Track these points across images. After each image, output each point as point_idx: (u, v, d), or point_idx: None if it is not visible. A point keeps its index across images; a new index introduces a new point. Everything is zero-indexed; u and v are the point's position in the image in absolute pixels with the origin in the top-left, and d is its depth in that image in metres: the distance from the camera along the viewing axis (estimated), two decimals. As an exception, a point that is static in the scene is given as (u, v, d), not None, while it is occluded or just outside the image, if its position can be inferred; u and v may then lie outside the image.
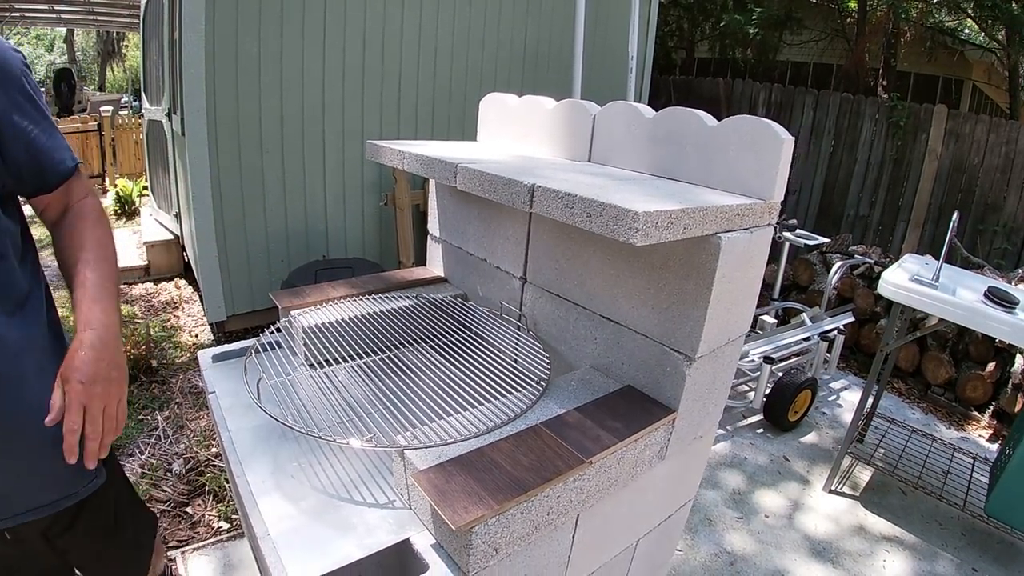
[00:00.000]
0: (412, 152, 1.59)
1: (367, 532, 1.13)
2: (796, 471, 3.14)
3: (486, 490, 1.02)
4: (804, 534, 2.73)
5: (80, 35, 28.15)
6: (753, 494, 2.98)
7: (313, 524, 1.15)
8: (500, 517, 1.01)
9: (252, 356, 1.57)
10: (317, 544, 1.10)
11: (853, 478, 3.07)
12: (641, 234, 0.94)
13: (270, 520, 1.15)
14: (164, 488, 2.88)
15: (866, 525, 2.76)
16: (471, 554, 1.00)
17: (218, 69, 3.61)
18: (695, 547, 2.65)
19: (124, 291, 5.40)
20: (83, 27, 23.35)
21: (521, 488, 1.02)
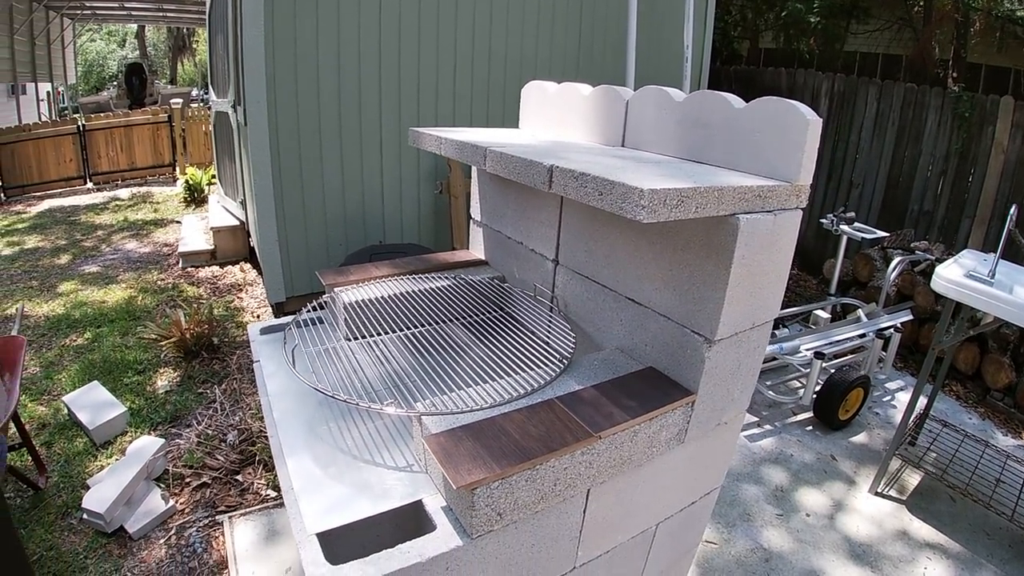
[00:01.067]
0: (447, 138, 1.64)
1: (383, 492, 1.20)
2: (843, 471, 3.08)
3: (492, 456, 1.06)
4: (844, 535, 2.67)
5: (151, 31, 29.57)
6: (796, 492, 2.94)
7: (335, 482, 1.22)
8: (503, 482, 1.05)
9: (292, 329, 1.66)
10: (337, 500, 1.17)
11: (901, 481, 2.99)
12: (647, 211, 0.95)
13: (296, 476, 1.23)
14: (217, 456, 3.05)
15: (910, 530, 2.69)
16: (475, 516, 1.05)
17: (278, 63, 3.76)
18: (731, 541, 2.63)
19: (191, 272, 5.72)
20: (153, 23, 24.55)
21: (526, 456, 1.06)
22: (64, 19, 18.13)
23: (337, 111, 4.03)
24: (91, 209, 8.40)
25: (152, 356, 4.03)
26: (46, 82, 17.43)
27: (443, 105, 4.37)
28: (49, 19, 16.84)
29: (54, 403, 3.55)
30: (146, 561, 2.51)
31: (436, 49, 4.22)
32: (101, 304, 5.00)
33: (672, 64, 4.54)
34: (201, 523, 2.70)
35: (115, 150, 9.86)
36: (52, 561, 2.48)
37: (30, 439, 2.93)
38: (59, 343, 4.32)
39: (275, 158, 3.91)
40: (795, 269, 5.51)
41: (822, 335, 3.51)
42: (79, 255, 6.39)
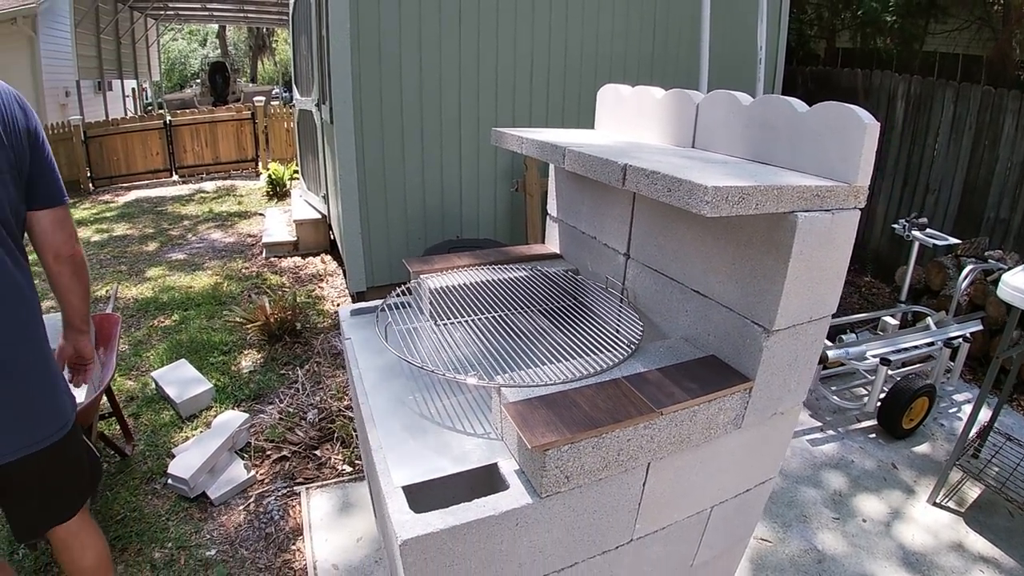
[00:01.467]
0: (529, 138, 1.77)
1: (462, 455, 1.33)
2: (902, 480, 3.06)
3: (563, 423, 1.18)
4: (899, 543, 2.67)
5: (232, 30, 30.81)
6: (854, 497, 2.94)
7: (419, 444, 1.37)
8: (572, 446, 1.17)
9: (382, 310, 1.82)
10: (419, 459, 1.32)
11: (961, 493, 2.95)
12: (711, 206, 1.05)
13: (383, 438, 1.37)
14: (298, 432, 3.27)
15: (966, 543, 2.66)
16: (545, 476, 1.17)
17: (363, 64, 3.97)
18: (786, 541, 2.66)
19: (274, 262, 6.05)
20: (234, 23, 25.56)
21: (593, 424, 1.18)
22: (148, 19, 19.17)
23: (419, 110, 4.22)
24: (177, 200, 8.92)
25: (237, 338, 4.31)
26: (131, 79, 18.47)
27: (520, 105, 4.51)
28: (133, 19, 17.84)
29: (142, 378, 3.85)
30: (225, 525, 2.72)
31: (513, 49, 4.36)
32: (188, 289, 5.36)
33: (746, 65, 4.53)
34: (279, 493, 2.90)
35: (200, 145, 10.42)
36: (135, 521, 2.71)
37: (120, 409, 3.20)
38: (147, 324, 4.66)
39: (360, 155, 4.13)
40: (868, 276, 5.40)
41: (889, 342, 3.47)
42: (166, 243, 6.82)
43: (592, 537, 1.39)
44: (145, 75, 20.02)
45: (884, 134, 5.13)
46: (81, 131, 9.53)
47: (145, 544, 2.59)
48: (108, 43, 16.13)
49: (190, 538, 2.64)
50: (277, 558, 2.55)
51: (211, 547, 2.60)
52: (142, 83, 19.90)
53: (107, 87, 15.92)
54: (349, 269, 4.51)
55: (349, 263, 4.47)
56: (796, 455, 3.21)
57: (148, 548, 2.57)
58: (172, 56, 31.35)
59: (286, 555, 2.56)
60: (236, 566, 2.51)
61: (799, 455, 3.21)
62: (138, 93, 19.28)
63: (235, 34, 32.30)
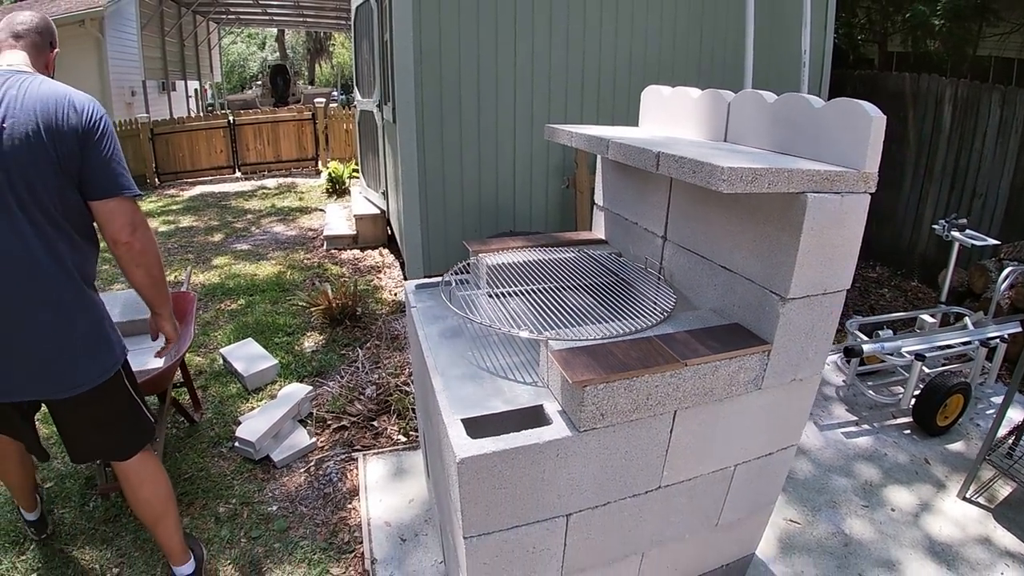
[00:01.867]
0: (578, 132, 2.01)
1: (513, 398, 1.56)
2: (934, 474, 3.09)
3: (600, 366, 1.40)
4: (926, 533, 2.72)
5: (290, 34, 31.75)
6: (884, 488, 2.99)
7: (475, 389, 1.60)
8: (607, 386, 1.38)
9: (448, 282, 2.06)
10: (475, 401, 1.55)
11: (992, 491, 2.96)
12: (727, 183, 1.25)
13: (444, 383, 1.60)
14: (357, 405, 3.54)
15: (993, 538, 2.69)
16: (583, 412, 1.38)
17: (424, 66, 4.24)
18: (814, 523, 2.74)
19: (335, 254, 6.39)
20: (293, 27, 26.36)
21: (625, 368, 1.39)
22: (210, 22, 20.00)
23: (476, 110, 4.47)
24: (240, 195, 9.39)
25: (300, 322, 4.63)
26: (194, 80, 19.30)
27: (571, 105, 4.71)
28: (196, 23, 18.67)
29: (210, 355, 4.19)
30: (286, 485, 2.99)
31: (566, 52, 4.57)
32: (253, 276, 5.72)
33: (792, 68, 4.65)
34: (338, 458, 3.17)
35: (262, 143, 10.93)
36: (202, 480, 3.00)
37: (191, 380, 3.52)
38: (215, 307, 5.02)
39: (420, 152, 4.41)
40: (915, 281, 5.42)
41: (924, 339, 3.54)
42: (231, 234, 7.24)
43: (624, 479, 1.59)
44: (207, 76, 20.91)
45: (931, 138, 5.16)
46: (148, 129, 10.12)
47: (211, 499, 2.87)
48: (172, 45, 16.97)
49: (253, 496, 2.91)
50: (334, 515, 2.80)
51: (272, 504, 2.87)
52: (204, 84, 20.77)
53: (171, 87, 16.73)
54: (408, 259, 4.79)
55: (408, 253, 4.75)
56: (829, 446, 3.29)
57: (213, 503, 2.85)
58: (232, 59, 32.49)
59: (342, 513, 2.82)
60: (295, 520, 2.77)
61: (832, 446, 3.29)
62: (200, 93, 20.15)
63: (293, 37, 33.30)
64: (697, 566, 2.06)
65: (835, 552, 2.60)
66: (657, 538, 1.82)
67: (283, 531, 2.70)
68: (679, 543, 1.90)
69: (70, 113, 1.73)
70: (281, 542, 2.64)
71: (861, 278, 5.54)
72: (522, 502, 1.46)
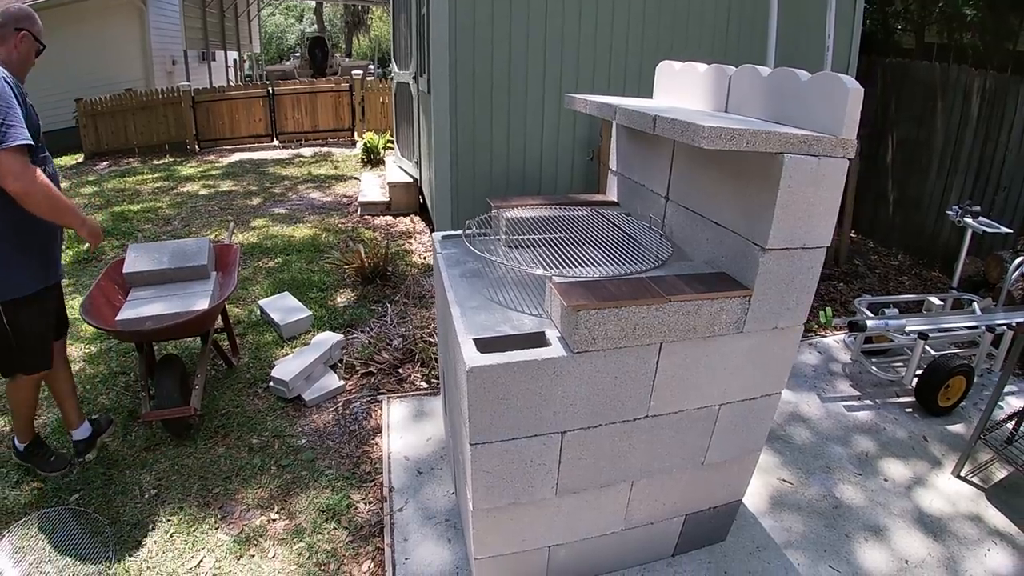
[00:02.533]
0: (591, 100, 2.22)
1: (519, 325, 1.79)
2: (931, 452, 3.16)
3: (594, 296, 1.61)
4: (916, 504, 2.80)
5: (328, 7, 31.94)
6: (880, 460, 3.09)
7: (487, 316, 1.83)
8: (598, 312, 1.59)
9: (470, 229, 2.28)
10: (487, 325, 1.78)
11: (988, 472, 3.02)
12: (707, 140, 1.45)
13: (461, 312, 1.82)
14: (384, 354, 3.79)
15: (984, 516, 2.75)
16: (576, 334, 1.59)
17: (459, 38, 4.42)
18: (807, 485, 2.89)
19: (368, 219, 6.65)
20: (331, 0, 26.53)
21: (615, 298, 1.60)
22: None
23: (507, 82, 4.64)
24: (277, 163, 9.70)
25: (334, 279, 4.90)
26: (233, 51, 19.64)
27: (599, 78, 4.84)
28: (236, -6, 18.91)
29: (248, 307, 4.48)
30: (315, 423, 3.27)
31: (595, 26, 4.68)
32: (289, 238, 6.01)
33: (818, 53, 4.72)
34: (364, 400, 3.43)
35: (300, 113, 11.22)
36: (238, 415, 3.30)
37: (231, 327, 3.82)
38: (253, 264, 5.32)
39: (453, 122, 4.61)
40: (936, 271, 5.47)
41: (929, 319, 3.65)
42: (268, 199, 7.55)
43: (614, 404, 1.80)
44: (246, 47, 21.26)
45: (959, 129, 5.20)
46: (190, 96, 10.47)
47: (245, 432, 3.17)
48: (213, 16, 17.30)
49: (284, 430, 3.20)
50: (358, 449, 3.07)
51: (302, 438, 3.15)
52: (243, 55, 21.13)
53: (211, 57, 17.12)
54: (438, 222, 5.03)
55: (438, 217, 4.98)
56: (830, 417, 3.41)
57: (247, 436, 3.14)
58: (270, 30, 32.84)
59: (365, 447, 3.08)
60: (322, 453, 3.04)
61: (833, 417, 3.41)
62: (239, 64, 20.52)
63: (331, 10, 33.51)
64: (686, 503, 2.25)
65: (824, 513, 2.73)
66: (646, 468, 2.02)
67: (310, 461, 2.98)
68: (667, 476, 2.10)
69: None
70: (308, 470, 2.92)
71: (882, 265, 5.62)
72: (522, 415, 1.68)
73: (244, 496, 2.75)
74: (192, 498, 2.73)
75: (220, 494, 2.76)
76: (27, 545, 2.47)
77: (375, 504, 2.71)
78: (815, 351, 4.09)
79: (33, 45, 2.56)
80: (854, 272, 5.38)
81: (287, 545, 2.50)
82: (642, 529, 2.18)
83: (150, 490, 2.78)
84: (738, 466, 2.27)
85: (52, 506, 2.67)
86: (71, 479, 2.83)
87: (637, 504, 2.09)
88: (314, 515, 2.64)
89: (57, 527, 2.55)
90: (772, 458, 3.05)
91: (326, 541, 2.52)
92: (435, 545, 2.46)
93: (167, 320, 3.03)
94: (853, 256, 5.67)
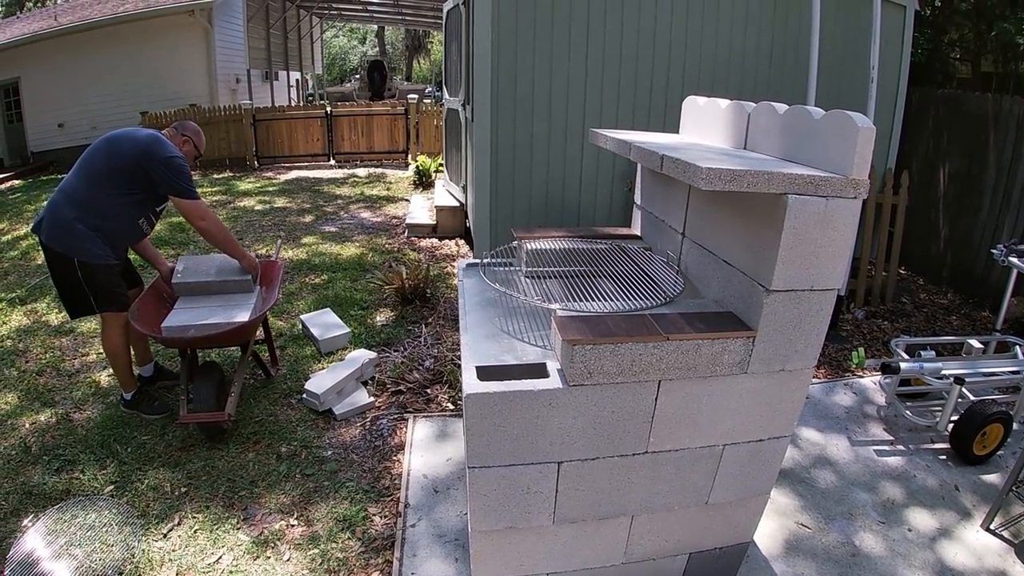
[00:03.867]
0: (610, 136, 2.27)
1: (523, 355, 1.84)
2: (961, 502, 3.03)
3: (591, 331, 1.65)
4: (939, 557, 2.68)
5: (390, 30, 32.76)
6: (906, 508, 2.97)
7: (493, 345, 1.89)
8: (594, 347, 1.62)
9: (487, 260, 2.35)
10: (491, 354, 1.84)
11: (1019, 526, 2.88)
12: (705, 182, 1.47)
13: (469, 339, 1.88)
14: (415, 374, 3.88)
15: (1010, 573, 2.62)
16: (572, 367, 1.63)
17: (501, 71, 4.54)
18: (825, 531, 2.80)
19: (414, 241, 6.80)
20: (392, 24, 27.20)
21: (612, 334, 1.63)
22: (313, 16, 21.01)
23: (547, 114, 4.72)
24: (332, 182, 10.01)
25: (375, 299, 5.04)
26: (295, 71, 20.33)
27: (639, 116, 4.89)
28: (300, 16, 19.67)
29: (291, 321, 4.64)
30: (343, 436, 3.37)
31: (636, 64, 4.74)
32: (336, 256, 6.21)
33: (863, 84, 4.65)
34: (391, 417, 3.52)
35: (356, 135, 11.57)
36: (270, 423, 3.43)
37: (272, 339, 3.97)
38: (300, 280, 5.52)
39: (495, 150, 4.72)
40: (986, 311, 5.27)
41: (968, 363, 3.53)
42: (320, 217, 7.80)
43: (611, 437, 1.82)
44: (308, 68, 22.03)
45: (1011, 163, 5.02)
46: (251, 115, 10.92)
47: (275, 440, 3.29)
48: (276, 37, 18.02)
49: (312, 441, 3.31)
50: (380, 464, 3.15)
51: (328, 449, 3.25)
52: (305, 75, 21.87)
53: (274, 77, 17.81)
54: (477, 248, 5.12)
55: (478, 242, 5.09)
56: (858, 461, 3.31)
57: (277, 443, 3.27)
58: (333, 52, 33.84)
59: (387, 463, 3.16)
60: (345, 465, 3.13)
61: (861, 462, 3.31)
62: (301, 84, 21.25)
63: (393, 34, 34.38)
64: (690, 541, 2.23)
65: (840, 561, 2.64)
66: (646, 504, 2.03)
67: (333, 472, 3.07)
68: (669, 513, 2.09)
69: (126, 147, 3.21)
70: (330, 481, 3.01)
71: (931, 303, 5.44)
72: (519, 443, 1.72)
73: (267, 500, 2.86)
74: (219, 498, 2.86)
75: (245, 496, 2.88)
76: (60, 528, 2.64)
77: (390, 518, 2.77)
78: (850, 392, 3.99)
79: (191, 151, 3.45)
80: (900, 310, 5.22)
81: (302, 550, 2.59)
82: (644, 564, 2.17)
83: (180, 487, 2.93)
84: (745, 508, 2.24)
85: (87, 495, 2.84)
86: (108, 472, 3.01)
87: (638, 539, 2.10)
88: (331, 524, 2.73)
89: (90, 514, 2.72)
90: (792, 500, 2.99)
91: (339, 550, 2.59)
92: (442, 562, 2.50)
93: (209, 329, 3.19)
94: (901, 294, 5.51)
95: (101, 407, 3.56)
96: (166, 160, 3.14)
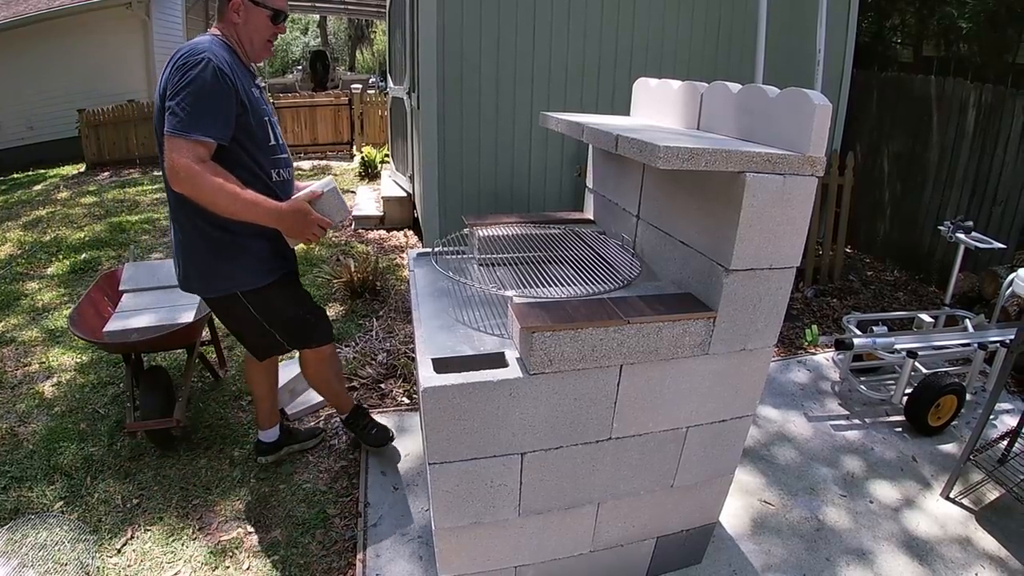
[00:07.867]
0: (562, 118, 2.20)
1: (480, 345, 1.77)
2: (920, 472, 3.09)
3: (550, 318, 1.59)
4: (903, 527, 2.73)
5: (332, 20, 32.06)
6: (866, 481, 3.02)
7: (449, 337, 1.81)
8: (553, 334, 1.57)
9: (439, 248, 2.27)
10: (447, 345, 1.76)
11: (978, 493, 2.94)
12: (663, 160, 1.43)
13: (425, 331, 1.81)
14: (368, 369, 3.78)
15: (973, 539, 2.67)
16: (532, 356, 1.57)
17: (447, 56, 4.46)
18: (789, 508, 2.82)
19: (362, 234, 6.65)
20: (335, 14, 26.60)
21: (571, 320, 1.58)
22: (253, 7, 20.42)
23: (494, 100, 4.66)
24: (278, 176, 9.72)
25: (324, 293, 4.90)
26: (236, 63, 19.78)
27: (587, 97, 4.86)
28: (241, 7, 19.05)
29: (236, 320, 4.46)
30: (296, 436, 3.25)
31: (583, 42, 4.70)
32: (284, 250, 6.01)
33: (809, 67, 4.71)
34: (346, 416, 3.41)
35: (300, 127, 11.25)
36: (221, 427, 3.29)
37: (219, 340, 3.82)
38: (248, 277, 5.31)
39: (441, 138, 4.63)
40: (933, 287, 5.42)
41: (919, 337, 3.60)
42: (267, 211, 7.55)
43: (574, 425, 1.78)
44: (249, 60, 21.35)
45: (954, 143, 5.16)
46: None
47: (227, 445, 3.16)
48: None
49: (265, 443, 3.18)
50: (336, 464, 3.05)
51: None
52: (246, 67, 21.18)
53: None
54: (426, 238, 5.03)
55: (427, 232, 4.99)
56: (816, 437, 3.35)
57: (229, 448, 3.14)
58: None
59: (344, 462, 3.06)
60: (301, 466, 3.02)
61: (819, 437, 3.35)
62: (240, 76, 20.56)
63: (335, 24, 33.65)
64: (657, 526, 2.21)
65: (806, 536, 2.67)
66: (612, 490, 2.00)
67: (289, 475, 2.96)
68: (635, 499, 2.07)
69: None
70: (286, 484, 2.90)
71: (877, 280, 5.57)
72: (480, 436, 1.66)
73: (223, 508, 2.75)
74: (172, 508, 2.74)
75: (199, 505, 2.76)
76: (11, 550, 2.49)
77: (350, 519, 2.69)
78: (804, 369, 4.05)
79: (257, 12, 2.17)
80: (848, 288, 5.33)
81: (262, 558, 2.48)
82: (612, 551, 2.15)
83: (132, 499, 2.79)
84: (710, 489, 2.23)
85: (37, 512, 2.68)
86: (56, 487, 2.86)
87: (605, 526, 2.06)
88: (290, 528, 2.63)
89: (41, 532, 2.58)
90: (754, 479, 3.01)
91: (300, 555, 2.50)
92: (407, 562, 2.44)
93: (152, 332, 3.05)
94: (848, 272, 5.63)
95: (46, 419, 3.36)
96: (176, 66, 1.97)
